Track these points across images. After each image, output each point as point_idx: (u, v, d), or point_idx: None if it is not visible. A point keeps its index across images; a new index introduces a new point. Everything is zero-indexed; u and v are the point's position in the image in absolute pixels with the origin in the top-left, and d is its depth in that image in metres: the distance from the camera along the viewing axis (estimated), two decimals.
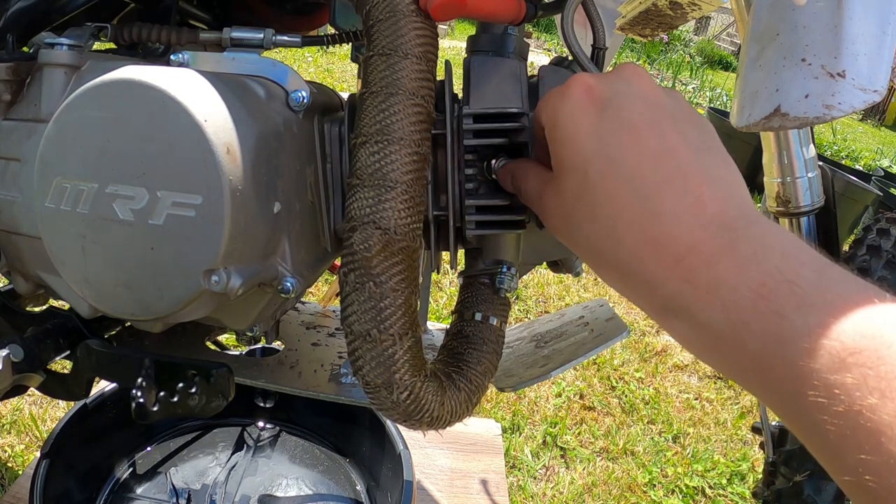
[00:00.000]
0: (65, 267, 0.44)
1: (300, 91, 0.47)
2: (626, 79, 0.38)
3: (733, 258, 0.31)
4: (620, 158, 0.35)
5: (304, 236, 0.49)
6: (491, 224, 0.48)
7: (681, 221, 0.33)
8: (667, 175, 0.34)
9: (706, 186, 0.33)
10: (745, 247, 0.31)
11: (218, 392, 0.49)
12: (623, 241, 0.34)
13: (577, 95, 0.37)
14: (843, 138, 6.65)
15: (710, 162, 0.35)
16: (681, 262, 0.32)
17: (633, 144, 0.35)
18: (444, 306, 2.00)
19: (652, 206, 0.33)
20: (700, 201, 0.33)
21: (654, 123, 0.35)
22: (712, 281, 0.31)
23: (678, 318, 0.33)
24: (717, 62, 9.80)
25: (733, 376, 0.32)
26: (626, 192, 0.34)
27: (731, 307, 0.30)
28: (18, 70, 0.52)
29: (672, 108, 0.37)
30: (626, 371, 1.89)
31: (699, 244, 0.32)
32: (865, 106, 0.46)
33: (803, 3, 0.46)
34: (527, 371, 0.63)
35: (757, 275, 0.30)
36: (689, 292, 0.32)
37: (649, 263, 0.33)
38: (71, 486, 0.89)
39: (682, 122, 0.36)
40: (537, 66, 0.50)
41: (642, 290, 0.35)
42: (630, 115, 0.36)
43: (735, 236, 0.32)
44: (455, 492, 1.21)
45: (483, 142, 0.46)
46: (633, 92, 0.37)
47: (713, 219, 0.32)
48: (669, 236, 0.33)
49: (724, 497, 1.50)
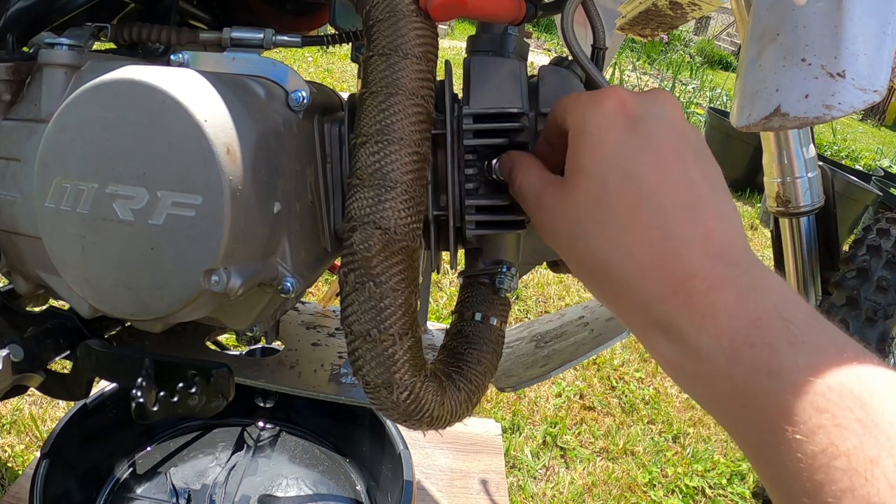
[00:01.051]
0: (65, 267, 0.44)
1: (300, 91, 0.47)
2: (660, 103, 0.38)
3: (733, 289, 0.32)
4: (642, 175, 0.35)
5: (304, 236, 0.49)
6: (491, 224, 0.48)
7: (690, 248, 0.34)
8: (684, 203, 0.35)
9: (717, 222, 0.35)
10: (745, 282, 0.32)
11: (218, 392, 0.49)
12: (631, 255, 0.35)
13: (610, 106, 0.38)
14: (843, 138, 6.65)
15: (722, 202, 0.36)
16: (684, 284, 0.33)
17: (656, 166, 0.35)
18: (444, 306, 2.00)
19: (666, 228, 0.34)
20: (710, 234, 0.34)
21: (679, 153, 0.36)
22: (710, 306, 0.32)
23: (668, 337, 0.34)
24: (717, 62, 9.80)
25: (710, 404, 0.33)
26: (644, 208, 0.35)
27: (724, 333, 0.31)
28: (18, 70, 0.52)
29: (696, 143, 0.38)
30: (626, 371, 1.89)
31: (704, 272, 0.33)
32: (865, 106, 0.46)
33: (803, 3, 0.46)
34: (527, 371, 0.63)
35: (754, 307, 0.31)
36: (686, 314, 0.33)
37: (652, 282, 0.34)
38: (71, 486, 0.89)
39: (703, 159, 0.37)
40: (537, 66, 0.50)
41: (638, 307, 0.35)
42: (659, 137, 0.36)
43: (738, 272, 0.33)
44: (455, 492, 1.21)
45: (483, 142, 0.46)
46: (665, 117, 0.38)
47: (720, 252, 0.34)
48: (677, 259, 0.34)
49: (724, 497, 1.50)
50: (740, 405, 0.30)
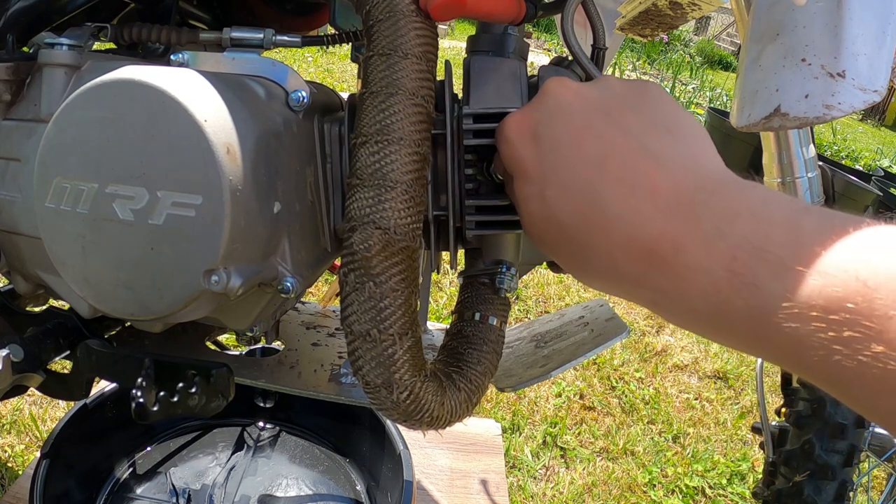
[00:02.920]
0: (65, 267, 0.44)
1: (300, 91, 0.47)
2: (550, 95, 0.38)
3: (699, 238, 0.30)
4: (566, 175, 0.35)
5: (304, 236, 0.49)
6: (491, 224, 0.48)
7: (639, 218, 0.32)
8: (614, 175, 0.34)
9: (656, 171, 0.33)
10: (708, 222, 0.30)
11: (218, 392, 0.49)
12: (595, 251, 0.34)
13: (511, 134, 0.39)
14: (843, 138, 6.65)
15: (656, 142, 0.34)
16: (651, 256, 0.32)
17: (573, 156, 0.35)
18: (444, 306, 2.00)
19: (609, 211, 0.33)
20: (654, 189, 0.32)
21: (585, 127, 0.35)
22: (686, 267, 0.30)
23: (667, 310, 0.33)
24: (717, 62, 9.80)
25: (738, 349, 0.31)
26: (582, 205, 0.34)
27: (709, 290, 0.30)
28: (18, 70, 0.52)
29: (602, 101, 0.37)
30: (626, 371, 1.89)
31: (663, 233, 0.31)
32: (865, 106, 0.46)
33: (803, 3, 0.46)
34: (527, 371, 0.63)
35: (726, 250, 0.29)
36: (667, 285, 0.32)
37: (624, 266, 0.33)
38: (71, 486, 0.89)
39: (617, 112, 0.36)
40: (537, 66, 0.50)
41: (628, 291, 0.35)
42: (560, 129, 0.36)
43: (697, 213, 0.31)
44: (455, 492, 1.21)
45: (483, 142, 0.46)
46: (557, 106, 0.37)
47: (671, 202, 0.32)
48: (633, 237, 0.32)
49: (724, 497, 1.50)
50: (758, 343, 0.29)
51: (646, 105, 0.36)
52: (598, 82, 0.39)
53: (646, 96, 0.37)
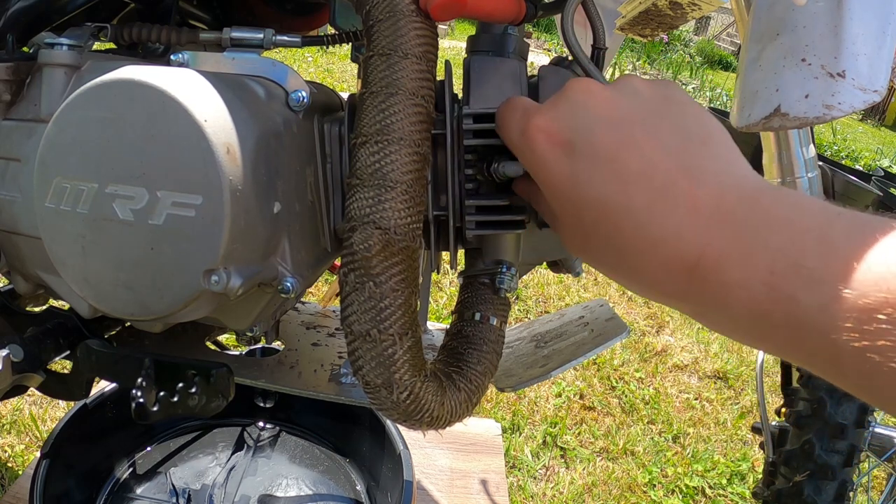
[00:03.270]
0: (65, 267, 0.44)
1: (300, 91, 0.47)
2: (579, 104, 0.37)
3: (739, 253, 0.30)
4: (606, 194, 0.34)
5: (304, 236, 0.49)
6: (491, 224, 0.48)
7: (680, 237, 0.32)
8: (655, 193, 0.33)
9: (695, 188, 0.33)
10: (748, 236, 0.30)
11: (218, 392, 0.49)
12: (637, 271, 0.35)
13: (540, 146, 0.37)
14: (843, 138, 6.65)
15: (693, 158, 0.34)
16: (692, 274, 0.32)
17: (613, 175, 0.34)
18: (444, 306, 2.00)
19: (651, 231, 0.33)
20: (693, 207, 0.32)
21: (625, 143, 0.35)
22: (726, 284, 0.31)
23: (710, 321, 0.34)
24: (717, 62, 9.79)
25: (779, 356, 0.32)
26: (623, 224, 0.34)
27: (749, 304, 0.30)
28: (18, 70, 0.52)
29: (637, 111, 0.36)
30: (626, 371, 1.89)
31: (704, 252, 0.32)
32: (865, 106, 0.46)
33: (803, 3, 0.46)
34: (527, 371, 0.63)
35: (763, 265, 0.29)
36: (709, 300, 0.32)
37: (667, 283, 0.33)
38: (71, 486, 0.89)
39: (653, 124, 0.35)
40: (537, 66, 0.50)
41: (671, 303, 0.35)
42: (599, 146, 0.35)
43: (735, 229, 0.31)
44: (455, 492, 1.21)
45: (483, 142, 0.46)
46: (592, 118, 0.36)
47: (710, 219, 0.32)
48: (676, 256, 0.32)
49: (724, 497, 1.50)
50: (797, 351, 0.30)
51: (676, 114, 0.36)
52: (623, 86, 0.38)
53: (673, 102, 0.37)
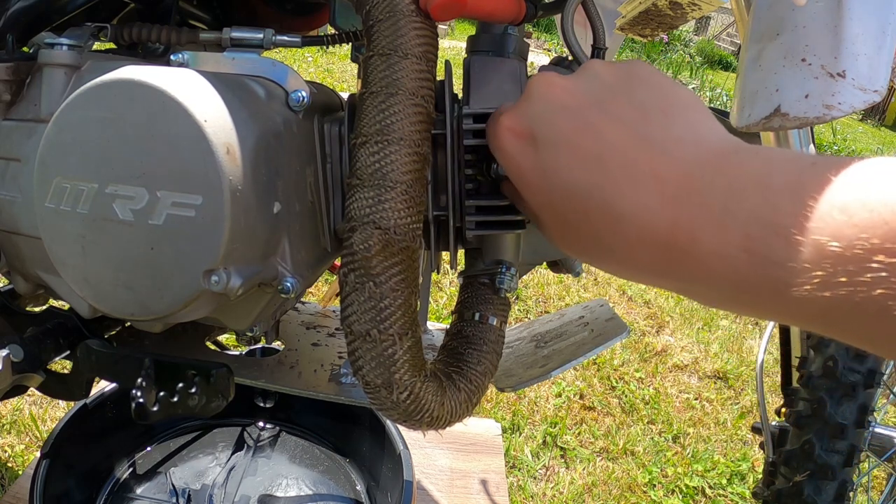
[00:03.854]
0: (65, 267, 0.44)
1: (300, 91, 0.47)
2: (538, 96, 0.37)
3: (711, 224, 0.30)
4: (571, 179, 0.34)
5: (304, 236, 0.49)
6: (491, 224, 0.48)
7: (649, 212, 0.32)
8: (618, 171, 0.33)
9: (657, 159, 0.32)
10: (718, 202, 0.30)
11: (218, 392, 0.49)
12: (614, 251, 0.34)
13: (506, 143, 0.38)
14: (843, 138, 6.64)
15: (652, 128, 0.33)
16: (669, 249, 0.31)
17: (574, 159, 0.34)
18: (444, 306, 2.00)
19: (618, 210, 0.33)
20: (658, 179, 0.32)
21: (582, 126, 0.35)
22: (704, 255, 0.30)
23: (695, 295, 0.33)
24: (717, 62, 9.80)
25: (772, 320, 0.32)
26: (592, 207, 0.34)
27: (730, 273, 0.29)
28: (18, 70, 0.52)
29: (594, 94, 0.36)
30: (626, 371, 1.89)
31: (676, 224, 0.31)
32: (865, 106, 0.46)
33: (803, 3, 0.46)
34: (527, 371, 0.63)
35: (738, 230, 0.29)
36: (690, 274, 0.31)
37: (644, 260, 0.33)
38: (71, 486, 0.89)
39: (610, 103, 0.35)
40: (537, 66, 0.50)
41: (655, 281, 0.35)
42: (559, 133, 0.35)
43: (704, 196, 0.30)
44: (455, 492, 1.21)
45: (483, 142, 0.46)
46: (549, 106, 0.36)
47: (677, 189, 0.31)
48: (646, 232, 0.32)
49: (724, 497, 1.50)
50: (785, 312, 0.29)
51: (636, 88, 0.36)
52: (584, 72, 0.38)
53: (634, 79, 0.36)
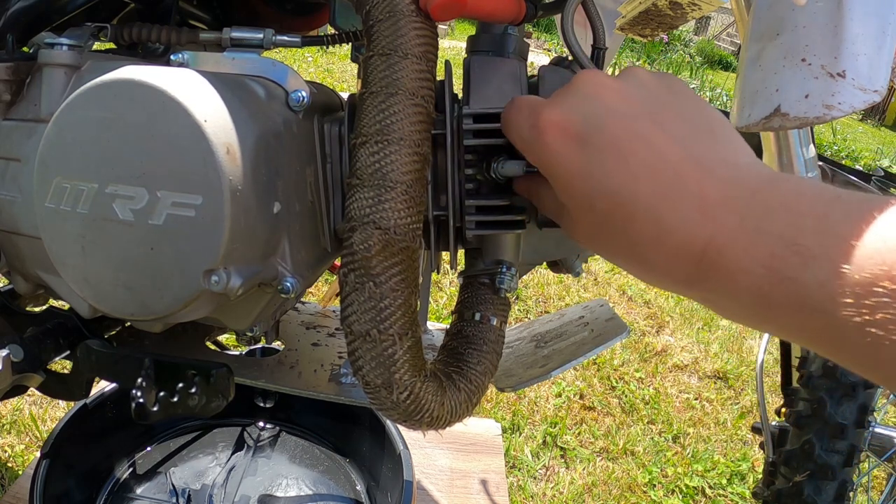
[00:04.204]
0: (65, 267, 0.44)
1: (300, 91, 0.47)
2: (590, 97, 0.37)
3: (742, 239, 0.31)
4: (618, 185, 0.35)
5: (304, 236, 0.49)
6: (491, 224, 0.48)
7: (690, 227, 0.33)
8: (665, 185, 0.34)
9: (704, 177, 0.34)
10: (750, 222, 0.31)
11: (218, 392, 0.49)
12: (648, 260, 0.35)
13: (552, 139, 0.37)
14: (843, 138, 6.64)
15: (700, 148, 0.35)
16: (700, 261, 0.33)
17: (625, 167, 0.35)
18: (444, 306, 2.00)
19: (661, 221, 0.34)
20: (703, 196, 0.33)
21: (635, 135, 0.35)
22: (730, 270, 0.32)
23: (717, 307, 0.34)
24: (717, 62, 9.79)
25: (787, 338, 0.33)
26: (635, 215, 0.34)
27: (752, 288, 0.31)
28: (18, 70, 0.52)
29: (645, 103, 0.37)
30: (626, 371, 1.89)
31: (711, 237, 0.32)
32: (865, 106, 0.46)
33: (803, 3, 0.46)
34: (527, 371, 0.63)
35: (764, 248, 0.30)
36: (715, 286, 0.33)
37: (676, 271, 0.34)
38: (71, 486, 0.89)
39: (662, 115, 0.36)
40: (537, 66, 0.50)
41: (680, 291, 0.36)
42: (611, 137, 0.36)
43: (741, 215, 0.32)
44: (455, 492, 1.21)
45: (483, 142, 0.46)
46: (602, 110, 0.37)
47: (718, 206, 0.33)
48: (685, 244, 0.33)
49: (724, 497, 1.50)
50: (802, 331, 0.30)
51: (682, 105, 0.37)
52: (630, 77, 0.38)
53: (677, 94, 0.37)
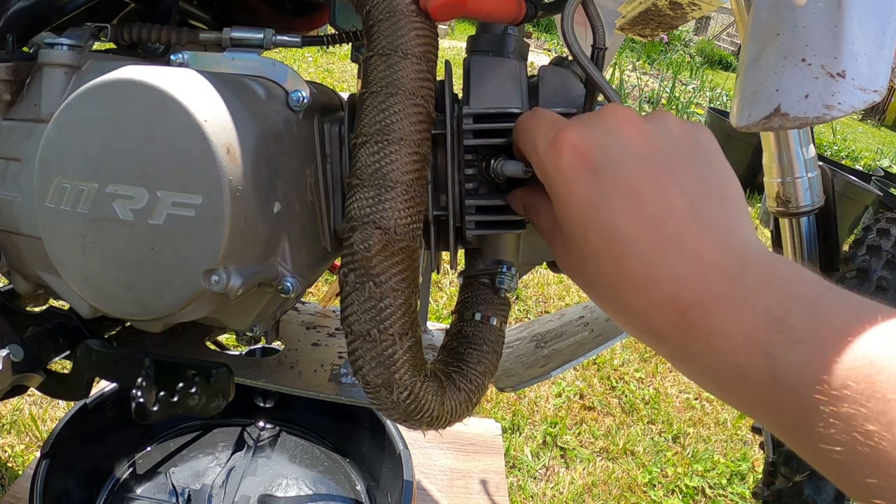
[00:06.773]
0: (65, 267, 0.44)
1: (300, 91, 0.47)
2: (613, 131, 0.37)
3: (729, 305, 0.32)
4: (620, 225, 0.35)
5: (304, 236, 0.49)
6: (491, 224, 0.48)
7: (681, 281, 0.33)
8: (666, 236, 0.34)
9: (705, 239, 0.34)
10: (740, 291, 0.32)
11: (218, 392, 0.49)
12: (629, 302, 0.35)
13: (567, 160, 0.37)
14: (843, 138, 6.65)
15: (708, 210, 0.35)
16: (683, 318, 0.33)
17: (631, 209, 0.35)
18: (444, 306, 2.00)
19: (654, 271, 0.34)
20: (699, 256, 0.33)
21: (650, 181, 0.35)
22: (711, 331, 0.32)
23: (684, 364, 0.34)
24: (717, 62, 9.79)
25: (747, 412, 0.33)
26: (629, 258, 0.34)
27: (728, 354, 0.31)
28: (18, 70, 0.52)
29: (667, 152, 0.36)
30: (626, 371, 1.89)
31: (699, 298, 0.32)
32: (865, 106, 0.46)
33: (803, 3, 0.46)
34: (527, 371, 0.63)
35: (750, 318, 0.31)
36: (691, 344, 0.33)
37: (655, 321, 0.34)
38: (71, 486, 0.89)
39: (679, 167, 0.36)
40: (537, 66, 0.50)
41: (651, 341, 0.36)
42: (625, 177, 0.35)
43: (732, 283, 0.32)
44: (455, 492, 1.21)
45: (483, 142, 0.46)
46: (624, 149, 0.36)
47: (712, 269, 0.33)
48: (671, 299, 0.33)
49: (724, 497, 1.50)
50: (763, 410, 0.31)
51: (702, 160, 0.37)
52: (659, 122, 0.38)
53: (701, 150, 0.37)
